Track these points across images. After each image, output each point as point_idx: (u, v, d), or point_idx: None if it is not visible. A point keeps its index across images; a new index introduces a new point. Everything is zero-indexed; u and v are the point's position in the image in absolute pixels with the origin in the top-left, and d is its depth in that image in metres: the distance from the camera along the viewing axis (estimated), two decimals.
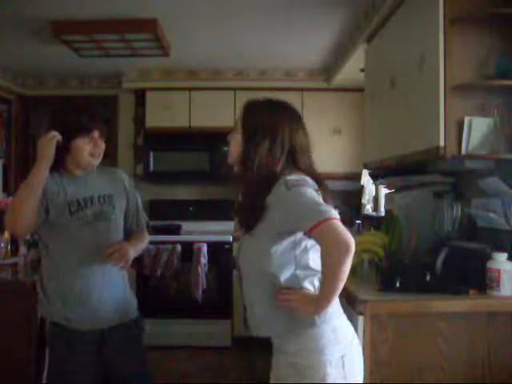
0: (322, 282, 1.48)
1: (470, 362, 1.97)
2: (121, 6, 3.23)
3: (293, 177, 1.53)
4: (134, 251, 2.06)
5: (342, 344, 1.54)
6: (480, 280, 2.02)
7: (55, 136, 1.93)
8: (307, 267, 1.56)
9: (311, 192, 1.50)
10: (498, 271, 1.97)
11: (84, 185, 2.05)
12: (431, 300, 1.98)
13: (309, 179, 1.55)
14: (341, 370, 1.51)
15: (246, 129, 1.61)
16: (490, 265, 2.00)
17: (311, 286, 1.55)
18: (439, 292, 2.02)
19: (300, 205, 1.47)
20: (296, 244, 1.54)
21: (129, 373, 2.08)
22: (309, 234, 1.46)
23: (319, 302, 1.49)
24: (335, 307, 1.58)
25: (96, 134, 2.02)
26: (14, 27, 3.55)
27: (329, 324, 1.54)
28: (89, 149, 2.00)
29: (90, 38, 3.63)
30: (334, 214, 1.43)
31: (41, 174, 1.90)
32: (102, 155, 2.06)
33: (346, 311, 1.67)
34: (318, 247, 1.52)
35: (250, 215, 1.57)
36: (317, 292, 1.54)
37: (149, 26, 3.44)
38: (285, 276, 1.54)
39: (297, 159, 1.60)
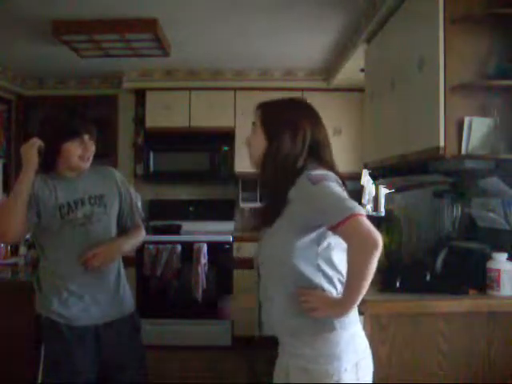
0: (348, 281, 1.46)
1: (470, 361, 1.97)
2: (121, 6, 3.23)
3: (317, 171, 1.52)
4: (113, 251, 2.07)
5: (358, 351, 1.53)
6: (480, 280, 2.02)
7: (36, 142, 1.96)
8: (331, 264, 1.53)
9: (336, 186, 1.49)
10: (498, 271, 1.97)
11: (75, 187, 2.07)
12: (431, 300, 1.98)
13: (332, 174, 1.54)
14: (354, 376, 1.50)
15: (266, 127, 1.61)
16: (490, 265, 2.00)
17: (332, 286, 1.53)
18: (439, 292, 2.02)
19: (327, 200, 1.46)
20: (319, 240, 1.51)
21: (124, 368, 2.08)
22: (334, 229, 1.44)
23: (343, 302, 1.47)
24: (354, 313, 1.57)
25: (86, 137, 2.04)
26: (14, 27, 3.55)
27: (347, 330, 1.52)
28: (79, 152, 2.02)
29: (90, 38, 3.62)
30: (361, 209, 1.42)
31: (25, 181, 1.93)
32: (92, 157, 2.09)
33: None
34: (342, 246, 1.50)
35: (272, 209, 1.56)
36: (338, 295, 1.52)
37: (149, 25, 3.44)
38: (307, 271, 1.51)
39: (320, 153, 1.60)
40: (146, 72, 4.87)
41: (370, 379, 1.58)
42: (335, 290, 1.53)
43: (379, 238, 1.39)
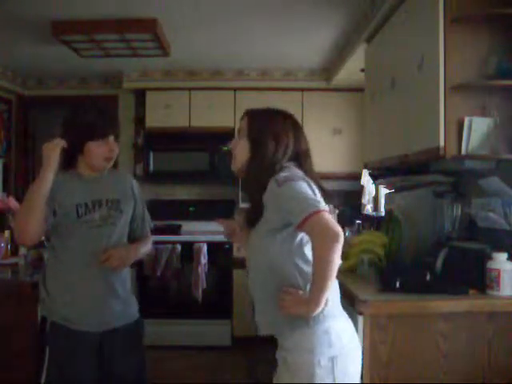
0: (312, 280, 1.50)
1: (470, 361, 1.96)
2: (121, 6, 3.23)
3: (284, 173, 1.57)
4: (130, 256, 2.07)
5: (334, 346, 1.54)
6: (480, 280, 2.02)
7: (60, 143, 1.92)
8: (305, 260, 1.58)
9: (301, 186, 1.53)
10: (498, 271, 1.97)
11: (94, 187, 2.04)
12: (431, 300, 1.98)
13: (298, 172, 1.60)
14: (329, 371, 1.51)
15: (252, 134, 1.68)
16: (490, 265, 2.00)
17: (308, 282, 1.55)
18: (439, 292, 2.01)
19: (289, 200, 1.52)
20: (292, 237, 1.57)
21: (126, 374, 2.07)
22: (300, 228, 1.50)
23: (308, 302, 1.50)
24: (333, 308, 1.59)
25: (111, 138, 2.01)
26: (14, 27, 3.55)
27: (322, 325, 1.55)
28: (103, 152, 1.99)
29: (90, 38, 3.62)
30: (322, 206, 1.47)
31: (44, 183, 1.88)
32: (114, 159, 2.06)
33: (345, 311, 1.67)
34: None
35: (251, 213, 1.65)
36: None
37: (149, 25, 3.44)
38: (284, 269, 1.57)
39: (301, 162, 1.67)
40: (146, 72, 4.88)
41: (353, 379, 1.58)
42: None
43: (339, 230, 1.44)
